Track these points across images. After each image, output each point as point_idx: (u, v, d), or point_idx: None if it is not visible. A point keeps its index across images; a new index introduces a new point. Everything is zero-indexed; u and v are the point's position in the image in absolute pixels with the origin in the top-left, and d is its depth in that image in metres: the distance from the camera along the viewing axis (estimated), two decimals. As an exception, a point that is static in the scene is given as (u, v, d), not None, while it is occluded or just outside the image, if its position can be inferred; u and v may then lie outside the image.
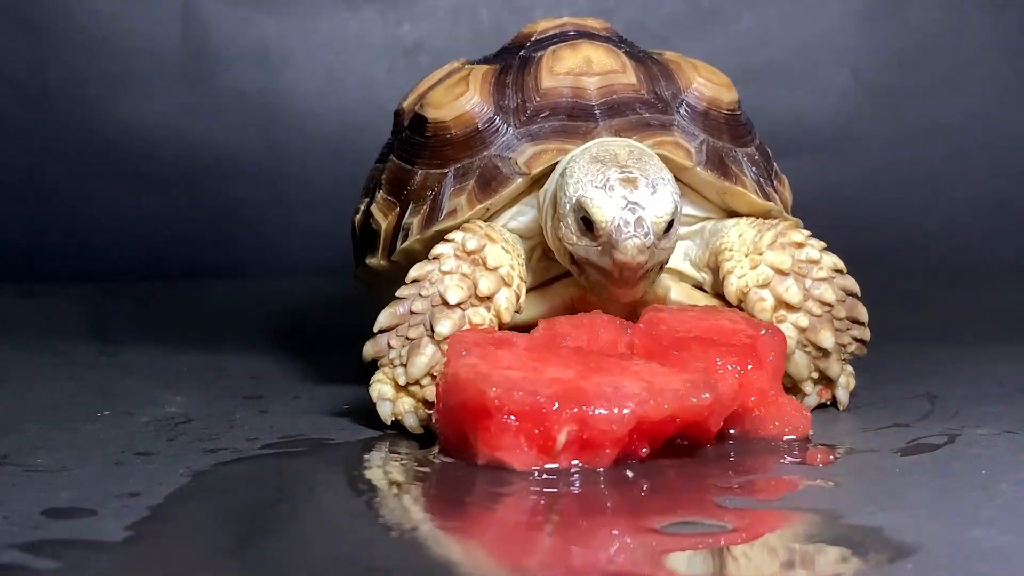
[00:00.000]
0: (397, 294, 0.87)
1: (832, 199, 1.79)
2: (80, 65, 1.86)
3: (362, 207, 1.05)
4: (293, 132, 1.88)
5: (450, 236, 0.89)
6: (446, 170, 0.95)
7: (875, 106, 1.94)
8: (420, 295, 0.86)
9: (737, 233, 0.93)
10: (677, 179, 0.91)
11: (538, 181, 0.92)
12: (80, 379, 1.11)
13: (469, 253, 0.87)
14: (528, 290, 0.92)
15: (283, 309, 1.55)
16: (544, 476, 0.75)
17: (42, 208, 1.85)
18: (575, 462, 0.76)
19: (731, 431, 0.84)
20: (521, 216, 0.94)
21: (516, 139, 0.93)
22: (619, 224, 0.81)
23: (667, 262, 0.88)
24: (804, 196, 0.98)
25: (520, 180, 0.91)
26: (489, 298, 0.87)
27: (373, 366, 0.89)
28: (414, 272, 0.87)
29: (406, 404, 0.87)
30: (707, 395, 0.77)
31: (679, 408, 0.76)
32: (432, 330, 0.85)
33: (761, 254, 0.90)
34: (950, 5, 1.96)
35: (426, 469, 0.79)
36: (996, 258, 1.80)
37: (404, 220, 0.96)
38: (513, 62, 0.99)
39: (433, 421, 0.85)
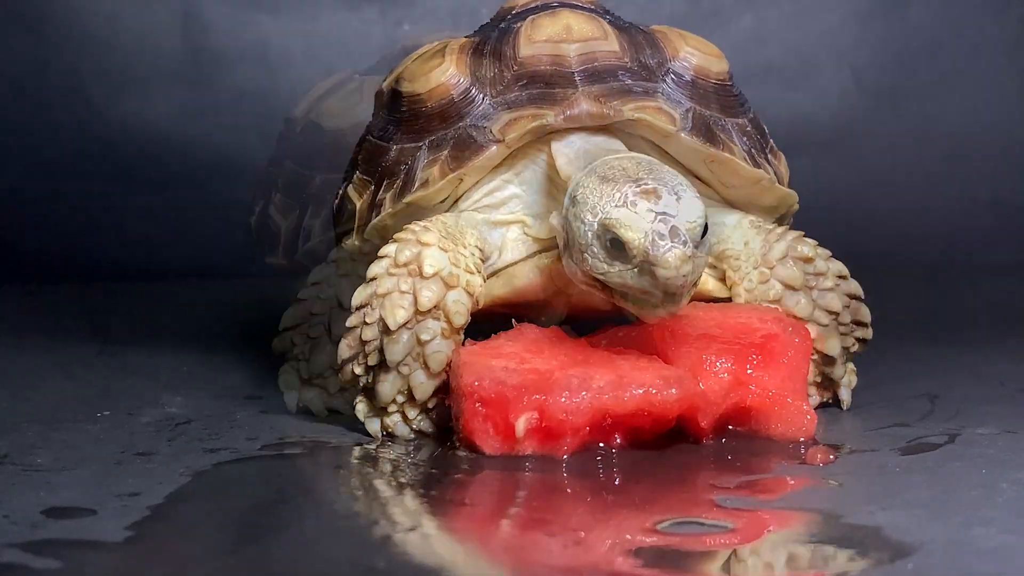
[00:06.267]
0: (346, 323, 0.85)
1: (832, 199, 1.78)
2: (80, 65, 1.86)
3: (339, 191, 1.01)
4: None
5: (382, 252, 0.85)
6: (420, 143, 0.90)
7: (875, 106, 1.94)
8: (366, 323, 0.83)
9: (742, 239, 0.91)
10: (662, 149, 0.90)
11: (516, 154, 0.89)
12: (80, 379, 1.10)
13: (404, 265, 0.84)
14: (507, 267, 0.89)
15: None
16: (542, 476, 0.75)
17: (42, 208, 1.85)
18: (568, 457, 0.77)
19: (729, 427, 0.84)
20: (498, 192, 0.90)
21: (492, 108, 0.89)
22: (654, 238, 0.76)
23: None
24: (804, 196, 0.97)
25: (495, 148, 0.87)
26: (436, 307, 0.83)
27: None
28: (356, 299, 0.84)
29: (396, 419, 0.86)
30: (674, 391, 0.77)
31: (644, 402, 0.77)
32: (386, 358, 0.83)
33: (771, 268, 0.89)
34: (950, 5, 1.96)
35: (425, 470, 0.79)
36: (996, 258, 1.80)
37: (378, 196, 0.92)
38: (492, 34, 0.95)
39: (415, 423, 0.86)
